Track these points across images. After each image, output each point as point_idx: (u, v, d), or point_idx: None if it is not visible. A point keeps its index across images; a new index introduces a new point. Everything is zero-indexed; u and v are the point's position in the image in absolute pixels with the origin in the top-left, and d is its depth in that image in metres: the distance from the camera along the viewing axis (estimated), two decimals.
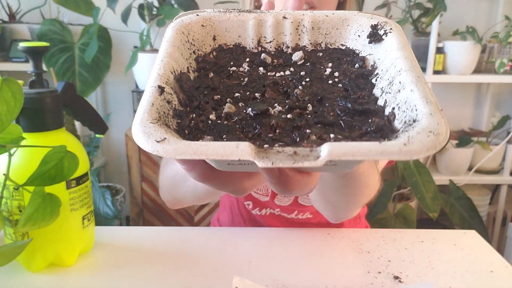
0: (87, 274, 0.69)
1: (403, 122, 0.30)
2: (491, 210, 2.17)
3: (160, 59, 0.34)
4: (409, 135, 0.27)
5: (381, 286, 0.68)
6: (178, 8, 1.68)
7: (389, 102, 0.32)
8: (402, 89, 0.31)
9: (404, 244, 0.81)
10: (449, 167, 2.00)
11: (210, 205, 1.90)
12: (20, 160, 0.63)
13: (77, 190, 0.68)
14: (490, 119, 2.10)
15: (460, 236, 0.85)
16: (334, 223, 0.82)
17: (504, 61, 1.83)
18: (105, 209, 1.67)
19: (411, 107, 0.30)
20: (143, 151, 1.83)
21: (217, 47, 0.41)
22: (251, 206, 0.93)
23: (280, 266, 0.72)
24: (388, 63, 0.35)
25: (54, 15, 1.88)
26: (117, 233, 0.83)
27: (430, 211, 1.70)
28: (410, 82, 0.31)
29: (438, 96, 2.14)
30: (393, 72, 0.33)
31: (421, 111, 0.29)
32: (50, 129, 0.67)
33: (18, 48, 0.67)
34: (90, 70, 1.64)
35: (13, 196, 0.64)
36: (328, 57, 0.40)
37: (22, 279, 0.67)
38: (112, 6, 1.67)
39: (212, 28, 0.41)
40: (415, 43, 1.93)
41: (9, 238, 0.68)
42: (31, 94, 0.65)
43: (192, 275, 0.70)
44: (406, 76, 0.32)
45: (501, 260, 0.76)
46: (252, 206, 0.93)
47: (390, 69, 0.34)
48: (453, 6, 1.94)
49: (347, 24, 0.40)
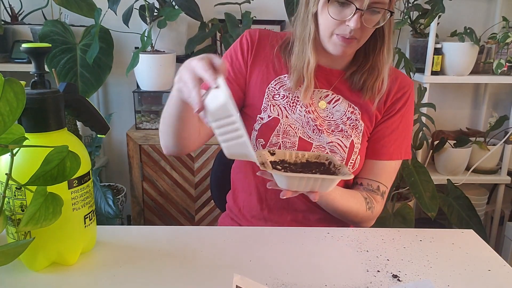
0: (89, 273, 0.70)
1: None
2: (489, 209, 2.18)
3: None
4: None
5: (380, 285, 0.68)
6: (178, 9, 1.68)
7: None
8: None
9: (402, 243, 0.82)
10: (447, 167, 2.00)
11: (210, 205, 1.91)
12: (22, 160, 0.64)
13: (79, 189, 0.69)
14: (488, 120, 2.11)
15: (458, 235, 0.86)
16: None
17: (501, 62, 1.84)
18: (106, 209, 1.68)
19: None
20: (144, 151, 1.83)
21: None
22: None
23: (280, 265, 0.73)
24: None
25: (56, 16, 1.89)
26: (118, 232, 0.83)
27: (428, 211, 1.70)
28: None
29: (436, 96, 2.15)
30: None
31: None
32: (52, 129, 0.67)
33: (20, 49, 0.68)
34: (91, 71, 1.64)
35: (16, 196, 0.65)
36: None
37: (25, 278, 0.68)
38: (113, 8, 1.67)
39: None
40: (414, 44, 1.94)
41: (11, 237, 0.69)
42: (33, 95, 0.65)
43: (193, 273, 0.70)
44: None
45: (499, 259, 0.77)
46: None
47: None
48: (451, 8, 1.95)
49: None
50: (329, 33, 0.86)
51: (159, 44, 1.83)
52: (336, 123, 0.95)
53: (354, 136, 0.95)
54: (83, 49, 1.67)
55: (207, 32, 1.88)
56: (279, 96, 0.95)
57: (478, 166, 2.02)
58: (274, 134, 0.94)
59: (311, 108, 0.95)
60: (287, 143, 0.94)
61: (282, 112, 0.95)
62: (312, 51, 0.90)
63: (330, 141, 0.94)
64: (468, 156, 2.01)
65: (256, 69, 0.97)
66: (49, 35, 1.62)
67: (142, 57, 1.70)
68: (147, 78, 1.81)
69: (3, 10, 1.94)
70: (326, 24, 0.86)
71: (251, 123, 0.96)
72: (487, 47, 1.91)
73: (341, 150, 0.94)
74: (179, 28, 1.88)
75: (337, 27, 0.85)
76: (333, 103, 0.96)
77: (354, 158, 0.96)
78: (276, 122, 0.95)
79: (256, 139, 0.95)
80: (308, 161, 0.83)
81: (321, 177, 0.71)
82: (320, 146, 0.95)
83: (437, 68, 1.86)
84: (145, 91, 1.85)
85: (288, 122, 0.94)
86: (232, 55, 0.98)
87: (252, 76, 0.97)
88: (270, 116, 0.95)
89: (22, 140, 0.62)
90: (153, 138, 1.82)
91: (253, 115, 0.96)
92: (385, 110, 0.98)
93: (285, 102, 0.95)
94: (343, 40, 0.85)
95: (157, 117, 1.91)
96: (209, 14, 1.96)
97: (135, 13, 1.79)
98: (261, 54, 0.97)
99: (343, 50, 0.87)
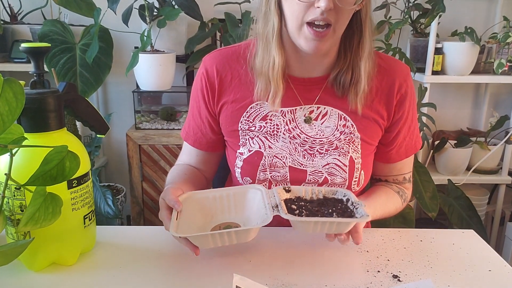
0: (88, 273, 0.70)
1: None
2: (489, 209, 2.18)
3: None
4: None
5: (380, 285, 0.68)
6: (178, 9, 1.68)
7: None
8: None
9: (403, 244, 0.82)
10: (448, 167, 2.00)
11: None
12: (21, 160, 0.63)
13: (78, 189, 0.69)
14: (489, 119, 2.11)
15: (459, 235, 0.86)
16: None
17: (502, 61, 1.83)
18: (106, 209, 1.68)
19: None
20: (143, 151, 1.83)
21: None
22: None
23: (280, 265, 0.72)
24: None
25: (55, 16, 1.89)
26: (118, 232, 0.83)
27: (429, 211, 1.70)
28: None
29: (437, 96, 2.15)
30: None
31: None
32: (52, 129, 0.67)
33: (20, 48, 0.67)
34: (91, 71, 1.64)
35: (15, 196, 0.64)
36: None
37: (24, 278, 0.68)
38: (113, 7, 1.67)
39: None
40: (414, 44, 1.94)
41: (11, 237, 0.68)
42: (32, 95, 0.65)
43: (193, 273, 0.70)
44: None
45: (499, 259, 0.77)
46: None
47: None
48: (452, 7, 1.95)
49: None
50: (299, 24, 0.75)
51: (158, 44, 1.82)
52: (329, 140, 0.85)
53: (352, 152, 0.86)
54: (82, 48, 1.66)
55: (207, 31, 1.87)
56: (255, 128, 0.86)
57: (478, 166, 2.02)
58: (260, 170, 0.86)
59: (295, 132, 0.85)
60: (277, 177, 0.86)
61: (263, 143, 0.86)
62: (278, 49, 0.80)
63: (326, 163, 0.85)
64: (469, 156, 2.01)
65: (224, 106, 0.88)
66: (48, 34, 1.62)
67: (141, 57, 1.70)
68: (146, 78, 1.80)
69: (2, 9, 1.94)
70: (293, 12, 0.75)
71: (234, 159, 0.89)
72: (488, 47, 1.91)
73: (340, 171, 0.86)
74: (179, 27, 1.87)
75: (306, 12, 0.74)
76: (320, 119, 0.85)
77: (357, 175, 0.87)
78: (260, 156, 0.86)
79: (242, 177, 0.88)
80: (325, 198, 0.78)
81: (336, 221, 0.69)
82: (315, 171, 0.86)
83: (437, 68, 1.86)
84: (145, 91, 1.85)
85: (273, 153, 0.85)
86: (195, 98, 0.92)
87: (221, 114, 0.89)
88: (251, 151, 0.86)
89: (21, 140, 0.61)
90: (152, 138, 1.82)
91: (234, 150, 0.90)
92: (395, 108, 0.87)
93: (264, 132, 0.86)
94: (316, 34, 0.75)
95: (157, 117, 1.91)
96: (209, 13, 1.96)
97: (134, 12, 1.79)
98: (225, 85, 0.87)
99: (316, 45, 0.76)
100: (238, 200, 0.78)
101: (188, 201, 0.75)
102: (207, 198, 0.78)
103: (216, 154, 0.97)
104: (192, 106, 0.93)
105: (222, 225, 0.75)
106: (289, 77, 0.86)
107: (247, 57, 0.87)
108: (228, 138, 0.91)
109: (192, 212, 0.74)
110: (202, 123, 0.92)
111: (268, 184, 0.87)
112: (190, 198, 0.76)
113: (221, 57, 0.89)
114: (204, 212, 0.77)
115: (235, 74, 0.87)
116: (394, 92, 0.86)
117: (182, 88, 2.01)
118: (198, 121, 0.92)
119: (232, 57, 0.88)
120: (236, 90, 0.87)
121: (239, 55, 0.88)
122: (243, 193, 0.78)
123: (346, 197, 0.77)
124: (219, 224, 0.75)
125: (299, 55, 0.83)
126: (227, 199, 0.78)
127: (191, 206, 0.75)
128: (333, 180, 0.86)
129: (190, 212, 0.74)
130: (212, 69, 0.88)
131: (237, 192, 0.79)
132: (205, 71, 0.89)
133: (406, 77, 0.88)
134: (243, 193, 0.78)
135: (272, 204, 0.72)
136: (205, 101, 0.90)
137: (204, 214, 0.76)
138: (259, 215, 0.72)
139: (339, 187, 0.87)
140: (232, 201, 0.78)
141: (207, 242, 0.67)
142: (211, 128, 0.92)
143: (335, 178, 0.86)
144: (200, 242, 0.68)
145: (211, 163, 0.98)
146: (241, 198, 0.78)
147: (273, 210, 0.71)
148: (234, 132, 0.88)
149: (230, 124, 0.88)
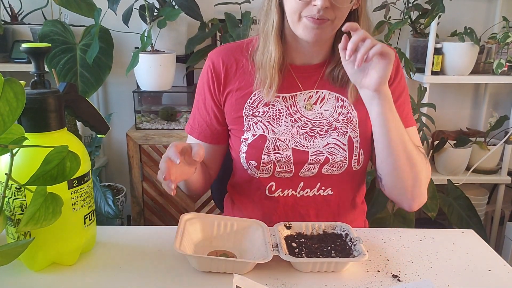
0: (88, 273, 0.70)
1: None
2: (489, 209, 2.18)
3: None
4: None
5: (380, 285, 0.68)
6: (178, 9, 1.68)
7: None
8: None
9: (402, 243, 0.82)
10: (447, 167, 2.00)
11: (210, 205, 1.91)
12: (22, 160, 0.64)
13: (79, 189, 0.69)
14: (488, 119, 2.11)
15: (458, 235, 0.86)
16: (409, 211, 0.91)
17: (502, 61, 1.83)
18: (106, 209, 1.68)
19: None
20: (144, 151, 1.83)
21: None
22: (274, 187, 0.94)
23: (280, 265, 0.73)
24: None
25: (56, 16, 1.88)
26: (118, 232, 0.83)
27: (428, 211, 1.70)
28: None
29: (436, 96, 2.15)
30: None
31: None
32: (52, 129, 0.67)
33: (20, 49, 0.68)
34: (91, 71, 1.64)
35: (15, 196, 0.64)
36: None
37: (24, 278, 0.68)
38: (113, 8, 1.67)
39: None
40: (414, 44, 1.94)
41: (11, 237, 0.68)
42: (33, 95, 0.65)
43: (193, 273, 0.70)
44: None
45: (499, 259, 0.77)
46: (275, 187, 0.94)
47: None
48: (451, 7, 1.95)
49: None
50: (297, 17, 0.81)
51: (159, 44, 1.82)
52: (328, 121, 0.91)
53: (350, 131, 0.91)
54: (83, 49, 1.66)
55: (207, 32, 1.88)
56: (259, 113, 0.92)
57: (478, 166, 2.02)
58: (265, 153, 0.90)
59: (296, 116, 0.91)
60: (281, 158, 0.90)
61: (267, 127, 0.91)
62: (275, 44, 0.86)
63: (326, 143, 0.91)
64: (468, 156, 2.01)
65: (229, 94, 0.93)
66: (49, 35, 1.62)
67: (142, 57, 1.70)
68: (147, 78, 1.81)
69: (3, 10, 1.94)
70: (292, 8, 0.81)
71: (238, 146, 0.94)
72: (487, 47, 1.91)
73: (340, 150, 0.91)
74: (179, 28, 1.88)
75: (304, 9, 0.80)
76: (319, 103, 0.92)
77: (357, 153, 0.92)
78: (264, 140, 0.91)
79: (247, 161, 0.92)
80: (325, 233, 0.80)
81: (334, 261, 0.71)
82: (317, 152, 0.91)
83: (437, 68, 1.86)
84: (145, 91, 1.85)
85: (277, 136, 0.91)
86: (201, 91, 0.97)
87: (226, 103, 0.94)
88: (255, 135, 0.91)
89: (22, 140, 0.62)
90: (153, 138, 1.82)
91: (238, 137, 0.94)
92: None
93: (267, 116, 0.91)
94: (314, 22, 0.79)
95: (157, 117, 1.91)
96: (209, 14, 1.96)
97: (135, 13, 1.79)
98: (231, 75, 0.93)
99: (315, 33, 0.81)
100: (239, 231, 0.80)
101: (193, 221, 0.79)
102: (212, 223, 0.80)
103: (219, 149, 1.00)
104: (198, 100, 0.98)
105: (219, 252, 0.77)
106: (290, 66, 0.92)
107: (250, 50, 0.93)
108: (233, 125, 0.95)
109: (195, 231, 0.78)
110: (207, 114, 0.96)
111: (273, 166, 0.91)
112: (197, 218, 0.80)
113: (226, 50, 0.96)
114: (205, 234, 0.80)
115: (239, 64, 0.94)
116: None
117: (182, 88, 2.01)
118: (204, 113, 0.97)
119: (237, 50, 0.95)
120: (240, 79, 0.93)
121: (243, 48, 0.95)
122: (246, 227, 0.80)
123: (345, 232, 0.80)
124: (215, 250, 0.77)
125: (299, 45, 0.90)
126: (231, 228, 0.80)
127: (195, 226, 0.79)
128: (334, 159, 0.91)
129: (193, 231, 0.78)
130: (218, 61, 0.94)
131: (240, 224, 0.81)
132: (211, 63, 0.95)
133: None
134: (246, 226, 0.81)
135: (272, 243, 0.74)
136: (210, 92, 0.95)
137: (204, 236, 0.79)
138: (259, 252, 0.73)
139: (340, 165, 0.92)
140: (233, 231, 0.80)
141: (207, 265, 0.70)
142: (216, 118, 0.96)
143: (336, 157, 0.91)
144: (199, 264, 0.70)
145: (215, 158, 1.01)
146: (242, 230, 0.80)
147: (273, 249, 0.73)
148: (239, 119, 0.93)
149: (235, 111, 0.93)
